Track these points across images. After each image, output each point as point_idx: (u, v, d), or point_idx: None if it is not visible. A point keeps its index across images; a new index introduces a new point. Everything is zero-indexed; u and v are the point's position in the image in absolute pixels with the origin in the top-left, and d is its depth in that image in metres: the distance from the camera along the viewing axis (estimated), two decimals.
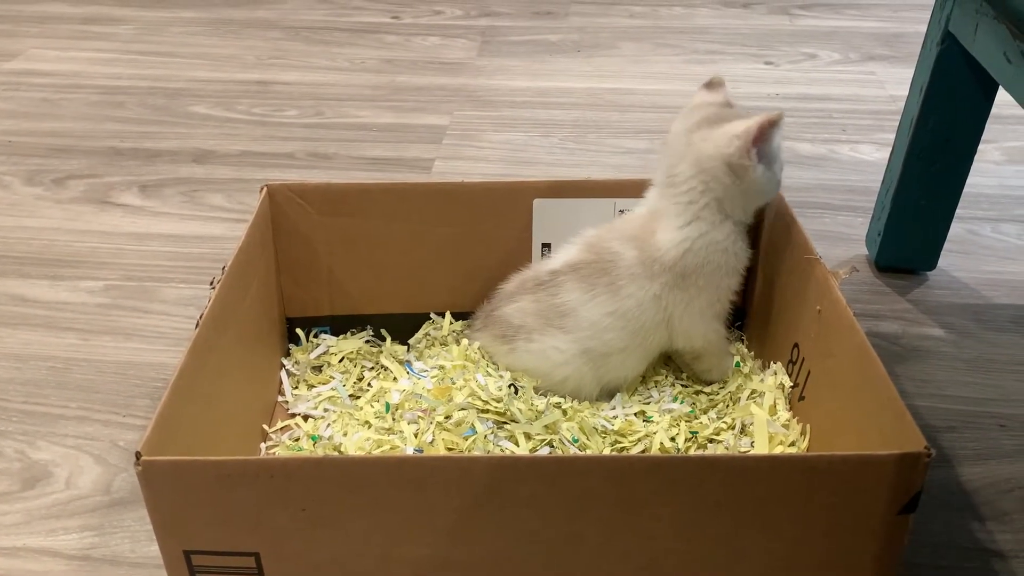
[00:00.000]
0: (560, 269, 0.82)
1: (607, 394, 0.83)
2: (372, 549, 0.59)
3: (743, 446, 0.77)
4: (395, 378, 0.86)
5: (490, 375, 0.81)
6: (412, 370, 0.87)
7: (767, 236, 0.88)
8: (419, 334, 0.92)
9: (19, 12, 1.86)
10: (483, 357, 0.84)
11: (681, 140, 0.82)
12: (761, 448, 0.75)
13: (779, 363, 0.83)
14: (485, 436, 0.74)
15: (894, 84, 1.55)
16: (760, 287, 0.90)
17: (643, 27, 1.81)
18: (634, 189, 0.88)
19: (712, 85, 0.87)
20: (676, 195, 0.81)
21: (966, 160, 1.01)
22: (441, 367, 0.84)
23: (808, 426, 0.76)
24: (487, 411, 0.77)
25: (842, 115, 1.46)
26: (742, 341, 0.91)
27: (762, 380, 0.83)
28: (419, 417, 0.77)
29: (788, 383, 0.81)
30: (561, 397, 0.81)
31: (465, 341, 0.87)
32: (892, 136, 1.06)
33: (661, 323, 0.81)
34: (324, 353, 0.90)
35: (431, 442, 0.75)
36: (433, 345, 0.90)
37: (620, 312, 0.80)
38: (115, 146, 1.37)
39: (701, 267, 0.80)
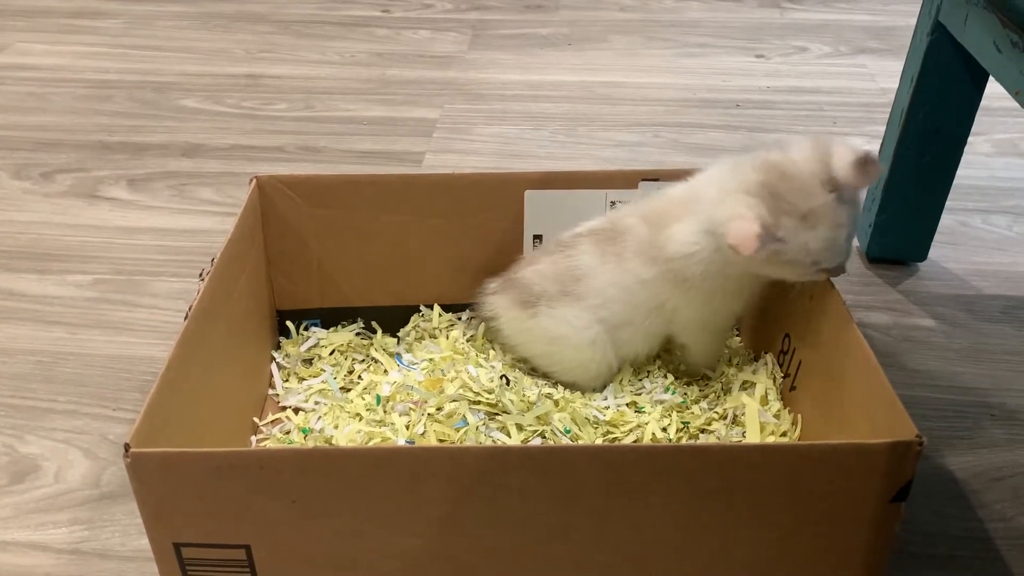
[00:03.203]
0: (582, 232, 0.82)
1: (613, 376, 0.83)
2: (363, 541, 0.59)
3: (734, 436, 0.77)
4: (385, 370, 0.85)
5: (481, 366, 0.81)
6: (402, 362, 0.86)
7: None
8: (408, 326, 0.91)
9: (6, 5, 1.85)
10: (472, 348, 0.84)
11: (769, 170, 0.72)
12: (753, 438, 0.75)
13: (770, 354, 0.83)
14: (477, 427, 0.74)
15: (884, 77, 1.55)
16: None
17: (634, 20, 1.81)
18: (625, 180, 0.88)
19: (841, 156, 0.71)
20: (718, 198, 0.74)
21: (956, 151, 1.01)
22: (430, 359, 0.84)
23: (800, 416, 0.76)
24: (479, 402, 0.76)
25: (832, 108, 1.46)
26: (735, 332, 0.91)
27: (754, 371, 0.83)
28: (410, 409, 0.77)
29: (779, 373, 0.81)
30: (575, 377, 0.81)
31: (454, 334, 0.87)
32: (883, 128, 1.06)
33: (655, 309, 0.80)
34: (314, 346, 0.90)
35: (423, 434, 0.74)
36: (423, 337, 0.90)
37: (622, 285, 0.80)
38: (103, 140, 1.37)
39: (700, 279, 0.77)
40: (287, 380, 0.87)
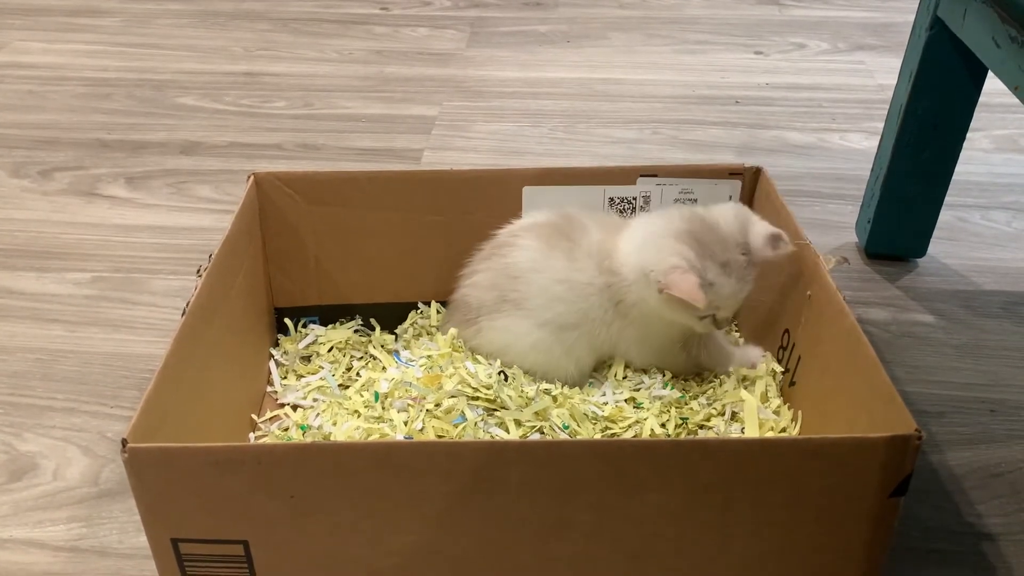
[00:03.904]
0: (523, 227, 0.82)
1: (585, 375, 0.83)
2: (361, 536, 0.59)
3: (733, 432, 0.77)
4: (384, 367, 0.85)
5: (479, 362, 0.81)
6: (400, 359, 0.86)
7: None
8: (406, 323, 0.91)
9: (4, 4, 1.84)
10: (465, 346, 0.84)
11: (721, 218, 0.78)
12: (752, 434, 0.75)
13: (768, 352, 0.83)
14: (475, 423, 0.74)
15: (883, 73, 1.55)
16: None
17: (633, 17, 1.81)
18: (624, 177, 0.88)
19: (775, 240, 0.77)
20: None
21: (955, 147, 1.01)
22: (428, 356, 0.83)
23: (800, 412, 0.76)
24: (477, 398, 0.76)
25: (831, 104, 1.46)
26: (735, 327, 0.91)
27: (752, 366, 0.83)
28: (409, 405, 0.77)
29: (779, 369, 0.80)
30: (550, 383, 0.81)
31: (452, 331, 0.87)
32: (881, 125, 1.06)
33: (601, 318, 0.79)
34: (313, 343, 0.90)
35: (421, 430, 0.74)
36: (420, 334, 0.90)
37: (571, 283, 0.78)
38: (102, 138, 1.36)
39: (636, 305, 0.78)
40: (285, 377, 0.87)
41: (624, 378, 0.83)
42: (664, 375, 0.84)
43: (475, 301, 0.82)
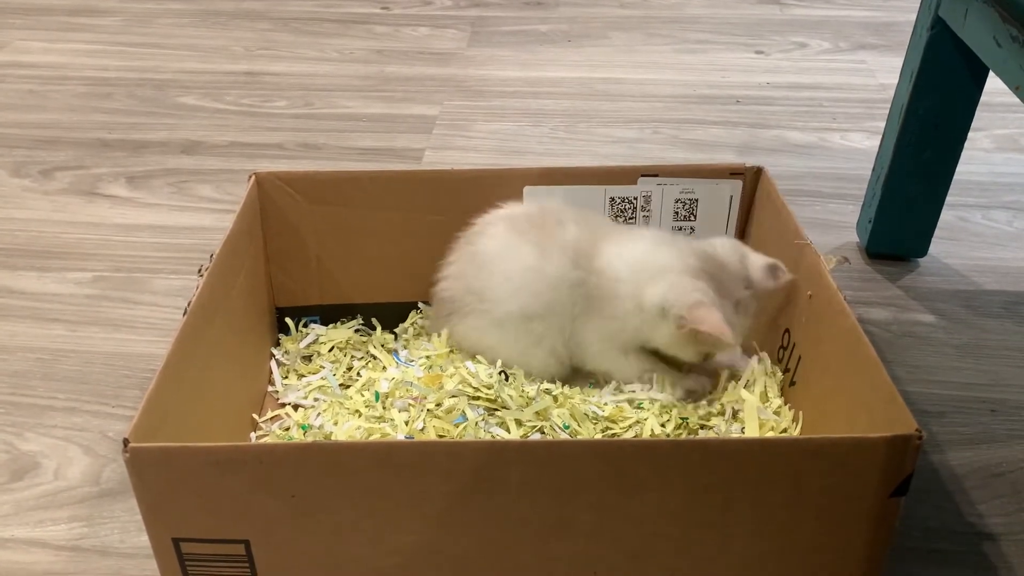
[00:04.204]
0: (495, 218, 0.81)
1: (566, 366, 0.82)
2: (362, 536, 0.59)
3: (734, 432, 0.77)
4: (384, 367, 0.85)
5: (480, 362, 0.81)
6: (399, 359, 0.86)
7: (756, 222, 0.88)
8: (406, 323, 0.91)
9: (5, 3, 1.85)
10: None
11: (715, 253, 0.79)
12: (752, 434, 0.75)
13: (764, 353, 0.82)
14: (476, 423, 0.74)
15: (884, 73, 1.55)
16: None
17: (633, 17, 1.81)
18: (625, 176, 0.88)
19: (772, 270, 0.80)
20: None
21: (956, 147, 1.01)
22: (427, 356, 0.84)
23: (800, 412, 0.76)
24: (478, 398, 0.76)
25: (832, 104, 1.46)
26: None
27: (753, 367, 0.83)
28: (410, 405, 0.77)
29: (779, 369, 0.80)
30: (548, 382, 0.81)
31: (444, 331, 0.87)
32: (882, 124, 1.06)
33: (570, 315, 0.79)
34: (314, 342, 0.90)
35: (422, 430, 0.74)
36: (421, 334, 0.90)
37: (539, 272, 0.77)
38: (102, 137, 1.37)
39: (604, 300, 0.78)
40: (286, 377, 0.87)
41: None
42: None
43: (447, 295, 0.82)
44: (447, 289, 0.83)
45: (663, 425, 0.77)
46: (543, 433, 0.75)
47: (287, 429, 0.80)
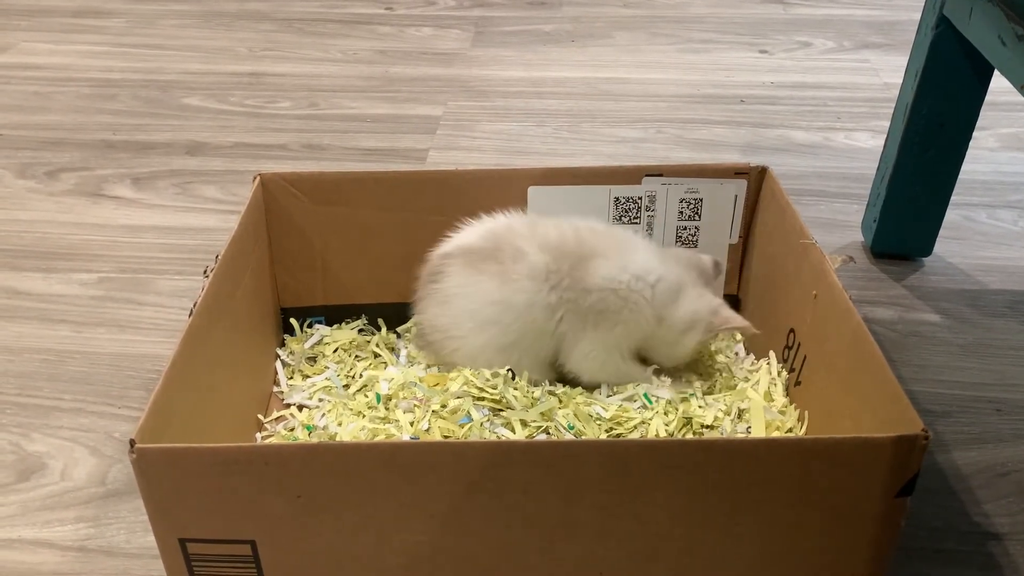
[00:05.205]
0: (451, 252, 0.81)
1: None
2: (367, 536, 0.59)
3: (739, 432, 0.77)
4: (386, 366, 0.85)
5: None
6: (402, 359, 0.86)
7: (760, 222, 0.88)
8: (409, 323, 0.91)
9: (10, 5, 1.85)
10: None
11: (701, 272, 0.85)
12: (758, 434, 0.75)
13: (772, 352, 0.82)
14: (481, 424, 0.74)
15: (889, 72, 1.55)
16: (755, 272, 0.90)
17: (637, 16, 1.81)
18: (629, 176, 0.88)
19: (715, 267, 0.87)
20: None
21: (961, 146, 1.01)
22: None
23: (806, 412, 0.75)
24: (483, 398, 0.76)
25: (837, 103, 1.46)
26: None
27: (756, 369, 0.83)
28: (415, 406, 0.77)
29: (785, 369, 0.80)
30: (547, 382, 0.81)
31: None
32: (887, 123, 1.06)
33: (548, 334, 0.79)
34: (318, 343, 0.90)
35: (427, 430, 0.74)
36: None
37: (506, 304, 0.78)
38: (107, 139, 1.37)
39: (610, 312, 0.79)
40: (291, 377, 0.87)
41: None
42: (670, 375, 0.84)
43: (420, 330, 0.84)
44: (419, 324, 0.84)
45: (668, 425, 0.77)
46: (548, 433, 0.75)
47: (292, 430, 0.81)
